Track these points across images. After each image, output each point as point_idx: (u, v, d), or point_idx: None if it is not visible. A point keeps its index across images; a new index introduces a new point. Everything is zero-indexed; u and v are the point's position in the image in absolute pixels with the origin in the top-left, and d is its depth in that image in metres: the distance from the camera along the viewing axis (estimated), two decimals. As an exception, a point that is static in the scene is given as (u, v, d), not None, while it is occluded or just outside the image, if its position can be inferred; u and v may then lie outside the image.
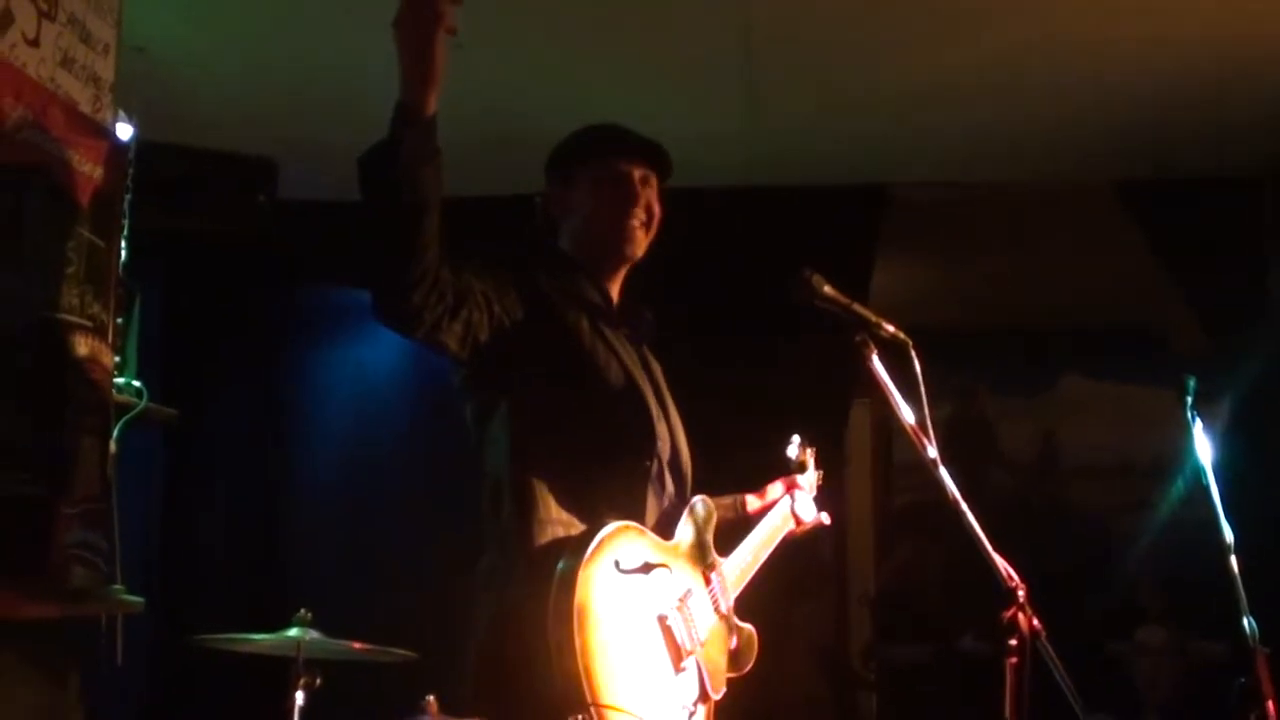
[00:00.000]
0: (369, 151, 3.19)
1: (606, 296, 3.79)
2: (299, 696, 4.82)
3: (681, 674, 3.41)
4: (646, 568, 3.39)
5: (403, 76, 3.21)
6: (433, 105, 3.19)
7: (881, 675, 9.40)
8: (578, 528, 3.38)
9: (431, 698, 4.93)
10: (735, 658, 3.66)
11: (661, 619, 3.41)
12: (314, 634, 4.91)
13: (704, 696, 3.50)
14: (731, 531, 3.93)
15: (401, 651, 5.05)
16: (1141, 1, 5.29)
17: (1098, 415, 9.70)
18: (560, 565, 3.19)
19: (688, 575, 3.57)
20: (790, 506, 4.26)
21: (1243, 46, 5.64)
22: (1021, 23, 5.44)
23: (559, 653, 3.09)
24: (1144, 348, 9.30)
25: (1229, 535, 4.35)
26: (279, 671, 4.95)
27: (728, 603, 3.71)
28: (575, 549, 3.23)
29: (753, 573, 3.95)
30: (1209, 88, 6.00)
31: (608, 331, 3.67)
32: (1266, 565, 4.68)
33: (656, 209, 3.80)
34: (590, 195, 3.77)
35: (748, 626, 3.74)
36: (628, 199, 3.74)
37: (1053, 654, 3.25)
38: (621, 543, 3.34)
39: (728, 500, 4.05)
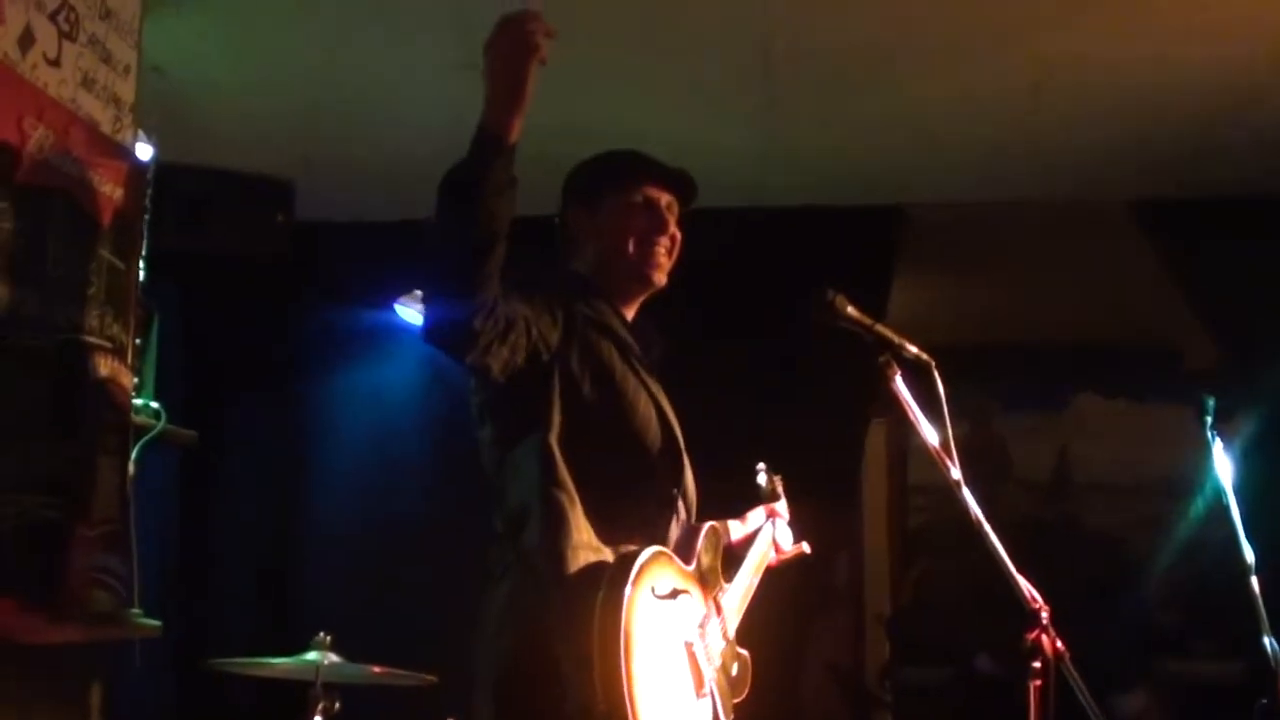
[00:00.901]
0: (451, 175, 3.19)
1: (626, 322, 3.77)
2: (318, 720, 4.82)
3: (701, 699, 3.41)
4: (674, 594, 3.38)
5: (492, 103, 3.21)
6: (517, 134, 3.20)
7: (897, 696, 9.38)
8: (604, 553, 3.36)
9: (451, 721, 4.91)
10: (735, 684, 3.65)
11: (688, 645, 3.41)
12: (333, 657, 4.89)
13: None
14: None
15: (421, 675, 5.04)
16: (1161, 20, 5.27)
17: (1112, 434, 9.69)
18: (602, 592, 3.18)
19: (702, 601, 3.58)
20: (772, 534, 4.28)
21: (1259, 63, 5.62)
22: (1041, 42, 5.43)
23: (605, 679, 3.08)
24: (1159, 366, 9.30)
25: (1249, 555, 4.34)
26: (298, 695, 4.93)
27: (732, 628, 3.74)
28: (617, 576, 3.22)
29: (749, 599, 3.96)
30: (1227, 106, 5.98)
31: (632, 359, 3.67)
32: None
33: (679, 236, 3.79)
34: (618, 220, 3.75)
35: (744, 652, 3.74)
36: (656, 226, 3.74)
37: (1076, 676, 3.23)
38: (655, 569, 3.33)
39: None
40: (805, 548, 4.39)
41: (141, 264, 4.37)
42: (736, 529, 4.20)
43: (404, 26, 5.33)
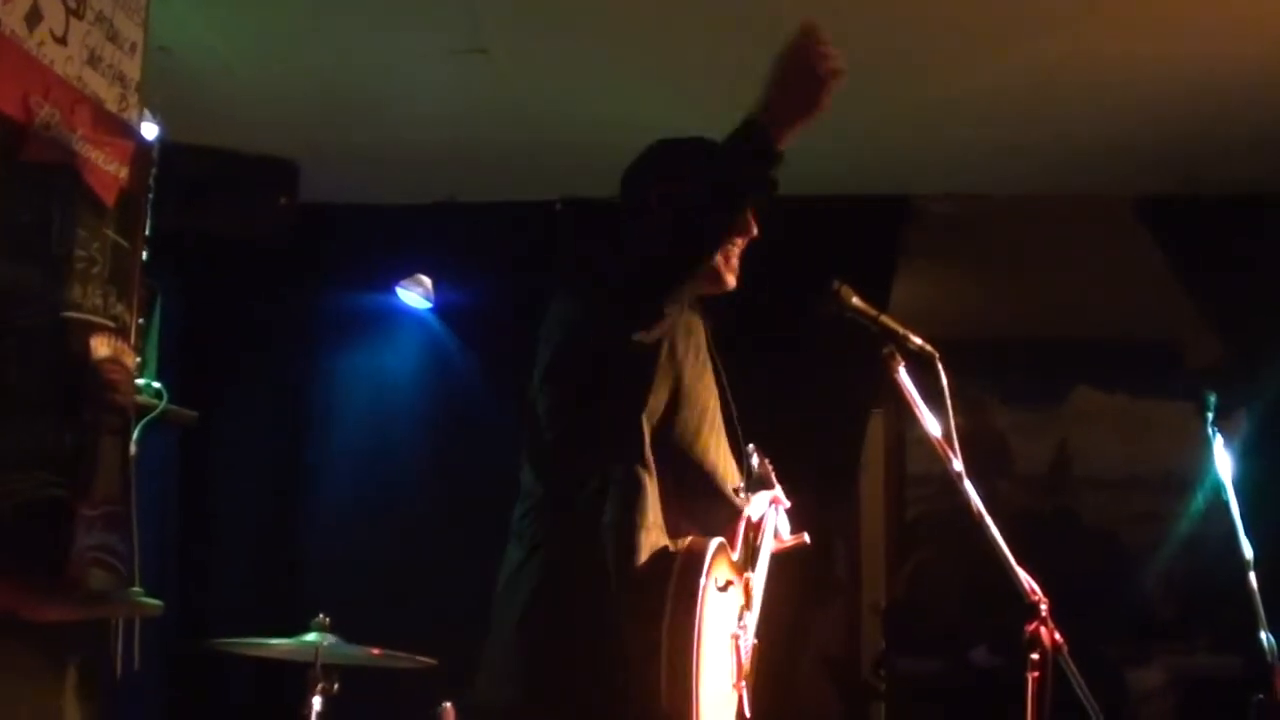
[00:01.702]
0: (725, 166, 3.25)
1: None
2: (316, 702, 4.81)
3: (735, 690, 3.40)
4: (728, 586, 3.40)
5: (780, 113, 3.26)
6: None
7: (892, 686, 9.38)
8: (665, 538, 3.34)
9: (449, 704, 4.90)
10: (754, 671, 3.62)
11: (734, 638, 3.42)
12: (332, 639, 4.89)
13: (740, 714, 3.46)
14: None
15: (419, 658, 5.03)
16: (1166, 18, 5.27)
17: (1111, 428, 9.68)
18: (674, 582, 3.18)
19: (741, 591, 3.57)
20: (775, 522, 4.16)
21: (1267, 63, 5.62)
22: (1050, 38, 5.42)
23: (672, 674, 3.08)
24: (1159, 362, 9.30)
25: (1248, 551, 4.35)
26: (297, 676, 4.93)
27: (757, 617, 3.70)
28: (691, 566, 3.22)
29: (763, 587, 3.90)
30: (1233, 105, 5.98)
31: (708, 347, 3.67)
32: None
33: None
34: None
35: (754, 641, 3.71)
36: (742, 229, 3.67)
37: (1074, 669, 3.23)
38: (720, 561, 3.34)
39: None
40: (805, 537, 4.34)
41: (144, 244, 4.36)
42: None
43: (410, 10, 5.32)
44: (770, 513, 4.18)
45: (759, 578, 3.82)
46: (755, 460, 4.32)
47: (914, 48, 5.59)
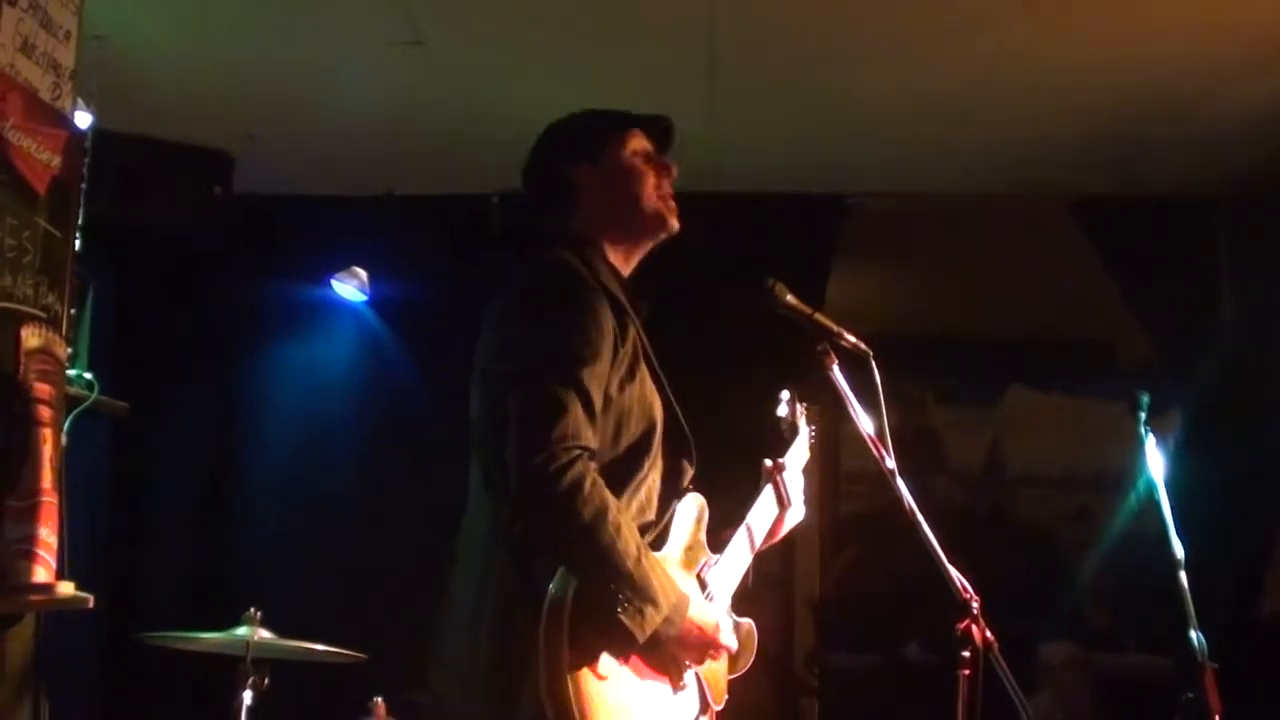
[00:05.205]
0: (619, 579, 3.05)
1: (625, 287, 3.57)
2: (247, 696, 4.78)
3: (681, 692, 3.29)
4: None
5: (676, 646, 3.24)
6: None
7: (825, 682, 9.38)
8: None
9: (379, 699, 4.89)
10: (735, 658, 3.54)
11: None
12: (263, 633, 4.87)
13: (705, 708, 3.39)
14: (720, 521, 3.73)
15: (351, 652, 5.01)
16: (1102, 22, 5.30)
17: (1045, 427, 9.71)
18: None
19: (683, 582, 3.35)
20: (777, 490, 4.06)
21: (1200, 67, 5.66)
22: (985, 38, 5.44)
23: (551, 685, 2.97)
24: (1093, 361, 9.33)
25: (1179, 550, 4.37)
26: (227, 670, 4.90)
27: (725, 603, 3.55)
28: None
29: (748, 564, 3.75)
30: (1167, 108, 6.03)
31: (642, 338, 3.51)
32: (1214, 581, 4.69)
33: None
34: (630, 168, 3.61)
35: (746, 621, 3.60)
36: (664, 170, 3.63)
37: (1005, 667, 3.24)
38: None
39: None
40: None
41: (77, 233, 4.32)
42: None
43: (346, 0, 5.30)
44: (768, 489, 4.04)
45: (730, 558, 3.64)
46: (785, 408, 4.23)
47: (850, 47, 5.61)
